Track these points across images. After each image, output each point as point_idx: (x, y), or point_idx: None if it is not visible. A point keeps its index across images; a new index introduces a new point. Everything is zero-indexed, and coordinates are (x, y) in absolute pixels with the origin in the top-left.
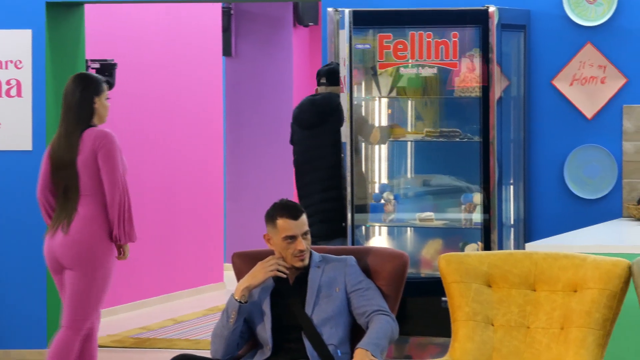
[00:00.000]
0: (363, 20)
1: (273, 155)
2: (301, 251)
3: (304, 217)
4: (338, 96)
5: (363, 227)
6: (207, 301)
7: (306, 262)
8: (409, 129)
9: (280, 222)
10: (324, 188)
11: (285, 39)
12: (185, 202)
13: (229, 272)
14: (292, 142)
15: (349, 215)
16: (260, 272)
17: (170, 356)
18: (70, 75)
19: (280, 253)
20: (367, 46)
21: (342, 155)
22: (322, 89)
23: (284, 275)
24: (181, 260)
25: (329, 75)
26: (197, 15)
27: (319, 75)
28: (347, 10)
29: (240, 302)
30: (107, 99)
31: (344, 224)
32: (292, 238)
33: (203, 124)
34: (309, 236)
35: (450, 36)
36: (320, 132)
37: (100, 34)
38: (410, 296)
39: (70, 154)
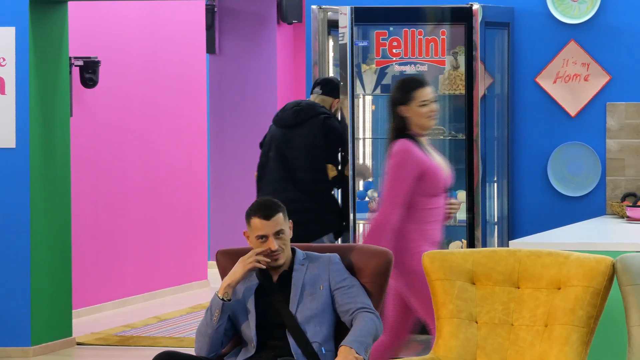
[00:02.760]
0: (362, 17)
1: (257, 153)
2: (272, 251)
3: (278, 216)
4: (325, 108)
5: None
6: (191, 299)
7: (280, 261)
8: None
9: (254, 221)
10: (298, 189)
11: (269, 37)
12: (169, 200)
13: (212, 270)
14: (261, 144)
15: (351, 215)
16: (240, 267)
17: (154, 354)
18: (54, 72)
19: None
20: (366, 43)
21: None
22: (313, 97)
23: (264, 266)
24: (165, 258)
25: (325, 84)
26: (181, 12)
27: (315, 82)
28: (348, 7)
29: (223, 300)
30: None
31: (344, 222)
32: (264, 238)
33: (187, 122)
34: (283, 235)
35: (439, 33)
36: (296, 134)
37: (84, 31)
38: None
39: None
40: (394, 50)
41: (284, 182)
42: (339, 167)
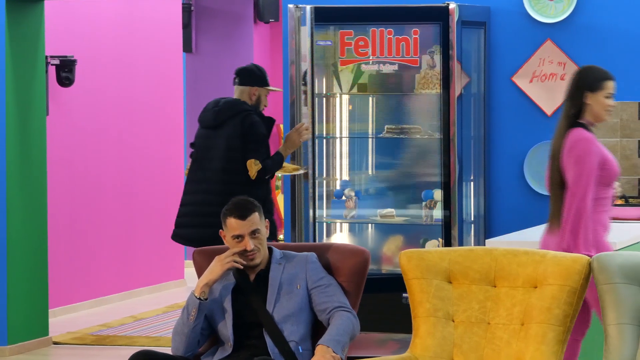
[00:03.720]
0: (324, 17)
1: None
2: (248, 251)
3: (254, 216)
4: (246, 103)
5: (324, 224)
6: (168, 298)
7: (257, 261)
8: (370, 125)
9: (229, 221)
10: (209, 191)
11: (246, 35)
12: (145, 199)
13: (189, 269)
14: (192, 144)
15: (311, 212)
16: (217, 266)
17: (130, 353)
18: (30, 71)
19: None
20: (329, 43)
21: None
22: (235, 88)
23: (241, 266)
24: (141, 257)
25: (241, 74)
26: (158, 11)
27: (234, 72)
28: (308, 7)
29: (200, 299)
30: None
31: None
32: (239, 237)
33: (163, 120)
34: (259, 235)
35: (411, 33)
36: (216, 135)
37: (60, 30)
38: (371, 292)
39: None
40: (361, 50)
41: (196, 184)
42: (264, 159)
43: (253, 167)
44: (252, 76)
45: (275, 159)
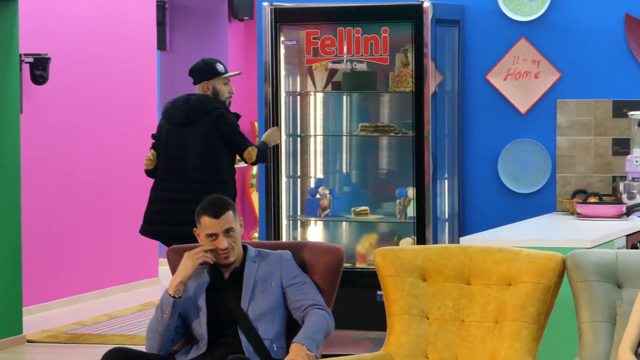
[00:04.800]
0: (289, 17)
1: None
2: (222, 249)
3: (228, 214)
4: (215, 100)
5: (299, 222)
6: (142, 296)
7: (231, 260)
8: (344, 123)
9: (203, 219)
10: (184, 189)
11: (220, 33)
12: (119, 197)
13: (163, 267)
14: (155, 136)
15: (285, 210)
16: (189, 263)
17: (104, 351)
18: (4, 69)
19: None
20: (294, 42)
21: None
22: (196, 89)
23: (212, 262)
24: (116, 256)
25: (192, 73)
26: (131, 9)
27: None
28: (269, 7)
29: (174, 297)
30: None
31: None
32: (213, 236)
33: (138, 118)
34: (233, 233)
35: (380, 32)
36: (188, 133)
37: (34, 28)
38: (346, 290)
39: None
40: (327, 49)
41: (170, 182)
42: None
43: (252, 153)
44: (200, 72)
45: (261, 145)
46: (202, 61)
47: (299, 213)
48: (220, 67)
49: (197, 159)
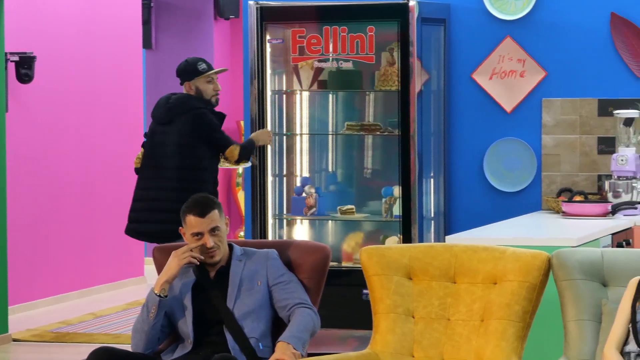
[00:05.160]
0: (275, 15)
1: None
2: (208, 248)
3: (213, 213)
4: (196, 99)
5: (285, 220)
6: (128, 295)
7: (216, 258)
8: (330, 122)
9: (188, 218)
10: (162, 187)
11: (206, 32)
12: (105, 195)
13: (149, 266)
14: (145, 135)
15: (271, 211)
16: (175, 262)
17: (90, 350)
18: None
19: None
20: (280, 41)
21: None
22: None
23: (197, 262)
24: (101, 255)
25: (177, 74)
26: (117, 7)
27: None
28: (254, 5)
29: (160, 296)
30: None
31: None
32: (199, 235)
33: (123, 117)
34: (219, 232)
35: (366, 30)
36: (168, 132)
37: (20, 26)
38: (332, 289)
39: None
40: (313, 48)
41: (150, 180)
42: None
43: (234, 152)
44: (183, 72)
45: (251, 142)
46: (185, 61)
47: (284, 212)
48: (202, 65)
49: (175, 158)
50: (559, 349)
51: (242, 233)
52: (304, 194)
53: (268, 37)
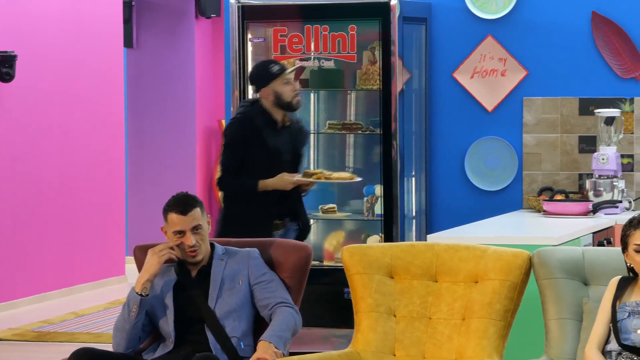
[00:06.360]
0: (256, 14)
1: (175, 148)
2: (189, 246)
3: (195, 211)
4: (243, 104)
5: None
6: (109, 294)
7: (198, 258)
8: (312, 121)
9: (170, 216)
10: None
11: (187, 31)
12: (86, 195)
13: (130, 265)
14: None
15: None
16: (154, 259)
17: (71, 350)
18: None
19: (176, 248)
20: (262, 40)
21: None
22: None
23: (176, 259)
24: (82, 253)
25: (251, 82)
26: (98, 6)
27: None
28: (235, 4)
29: (141, 295)
30: None
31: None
32: (181, 233)
33: (104, 116)
34: (201, 231)
35: (348, 29)
36: None
37: (1, 25)
38: (313, 288)
39: None
40: (294, 47)
41: None
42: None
43: (217, 174)
44: (257, 80)
45: (244, 182)
46: (255, 67)
47: None
48: (275, 67)
49: None
50: (540, 347)
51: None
52: None
53: (250, 36)
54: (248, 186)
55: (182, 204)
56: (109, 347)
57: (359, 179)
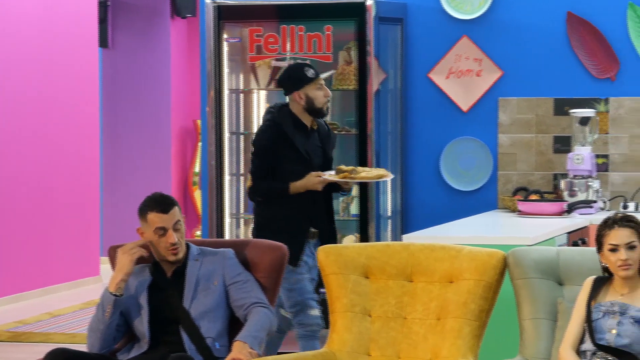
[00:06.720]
0: (232, 14)
1: (150, 148)
2: (172, 244)
3: (175, 209)
4: (271, 111)
5: (242, 220)
6: (84, 295)
7: (179, 256)
8: None
9: (151, 216)
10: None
11: (163, 31)
12: (61, 195)
13: (105, 266)
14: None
15: (228, 211)
16: (126, 259)
17: (46, 350)
18: None
19: (154, 248)
20: (237, 40)
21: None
22: None
23: (147, 255)
24: (57, 254)
25: (280, 85)
26: (73, 6)
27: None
28: (211, 5)
29: (115, 295)
30: None
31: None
32: (163, 230)
33: (79, 116)
34: (180, 228)
35: (324, 29)
36: None
37: None
38: None
39: None
40: (270, 47)
41: None
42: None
43: (248, 182)
44: (289, 82)
45: (276, 186)
46: (288, 69)
47: (242, 211)
48: (310, 71)
49: None
50: (515, 347)
51: (199, 232)
52: None
53: (225, 36)
54: (280, 190)
55: (162, 203)
56: (84, 348)
57: (391, 176)
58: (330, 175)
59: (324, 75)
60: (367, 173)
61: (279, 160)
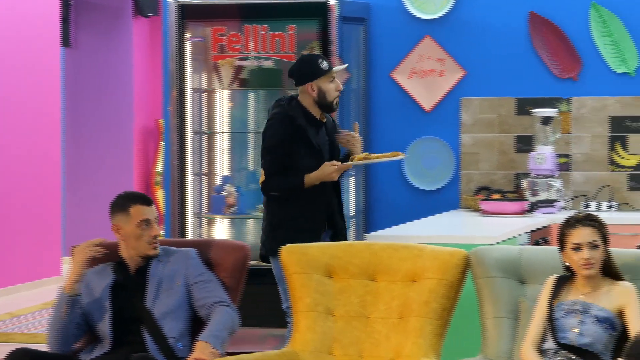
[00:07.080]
0: (195, 13)
1: (112, 148)
2: (155, 237)
3: (154, 205)
4: (281, 103)
5: (205, 220)
6: (45, 295)
7: (158, 250)
8: (251, 121)
9: (135, 208)
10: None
11: (125, 30)
12: (22, 195)
13: (67, 265)
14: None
15: (190, 208)
16: (78, 257)
17: (8, 350)
18: None
19: (133, 243)
20: (200, 39)
21: None
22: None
23: (101, 254)
24: (18, 254)
25: (292, 75)
26: (34, 4)
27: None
28: (174, 4)
29: (71, 295)
30: None
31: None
32: (147, 222)
33: (40, 115)
34: (157, 222)
35: (287, 29)
36: None
37: None
38: (252, 288)
39: None
40: (233, 46)
41: None
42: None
43: (262, 178)
44: (302, 73)
45: (290, 181)
46: (300, 60)
47: (205, 210)
48: (324, 63)
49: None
50: (477, 346)
51: (161, 232)
52: (224, 193)
53: (188, 35)
54: (295, 184)
55: (144, 196)
56: (45, 348)
57: (405, 155)
58: (345, 163)
59: (338, 68)
60: (378, 154)
61: (291, 155)
